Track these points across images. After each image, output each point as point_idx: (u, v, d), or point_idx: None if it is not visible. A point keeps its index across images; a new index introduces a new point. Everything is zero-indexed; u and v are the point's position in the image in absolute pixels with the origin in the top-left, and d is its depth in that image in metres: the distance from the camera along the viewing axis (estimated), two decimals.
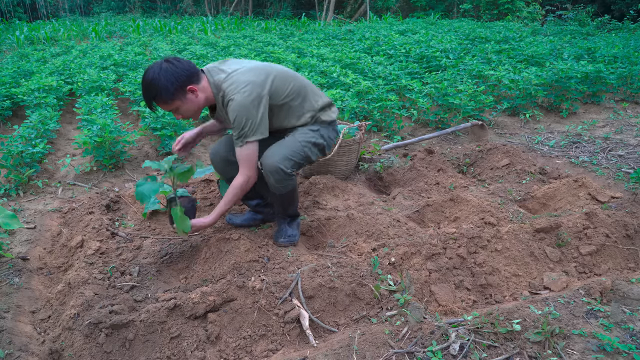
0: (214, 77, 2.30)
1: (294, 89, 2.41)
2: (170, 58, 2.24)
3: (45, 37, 13.35)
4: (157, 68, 2.19)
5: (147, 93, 2.22)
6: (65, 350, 1.91)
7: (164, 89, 2.17)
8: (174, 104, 2.25)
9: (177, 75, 2.19)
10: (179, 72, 2.20)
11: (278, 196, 2.46)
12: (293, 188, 2.46)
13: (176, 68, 2.20)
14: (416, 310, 1.88)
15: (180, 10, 25.35)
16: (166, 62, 2.21)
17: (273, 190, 2.43)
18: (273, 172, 2.33)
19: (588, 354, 1.65)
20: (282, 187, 2.39)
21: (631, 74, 6.11)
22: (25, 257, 2.63)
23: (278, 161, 2.32)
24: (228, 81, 2.26)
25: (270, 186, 2.41)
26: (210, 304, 2.01)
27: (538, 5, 18.50)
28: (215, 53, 9.29)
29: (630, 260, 2.46)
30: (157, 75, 2.17)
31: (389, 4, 21.70)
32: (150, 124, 4.37)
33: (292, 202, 2.54)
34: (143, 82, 2.22)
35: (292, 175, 2.38)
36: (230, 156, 2.53)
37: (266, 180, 2.41)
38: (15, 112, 5.61)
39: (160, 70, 2.17)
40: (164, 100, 2.22)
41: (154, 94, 2.20)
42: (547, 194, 3.21)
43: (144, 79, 2.21)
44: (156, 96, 2.21)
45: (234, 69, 2.30)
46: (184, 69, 2.22)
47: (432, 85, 5.66)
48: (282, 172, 2.33)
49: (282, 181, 2.36)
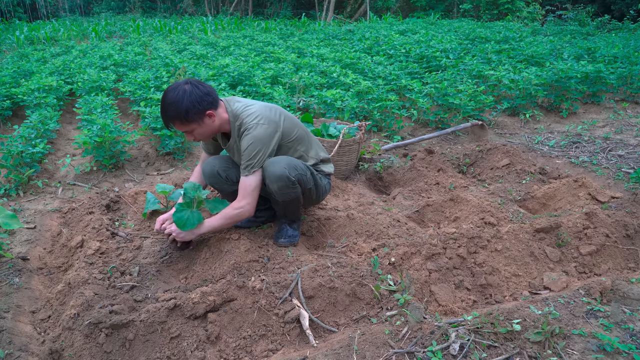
0: (232, 106, 2.38)
1: (300, 134, 2.52)
2: (192, 81, 2.27)
3: (45, 37, 13.34)
4: (181, 90, 2.21)
5: (167, 113, 2.23)
6: (65, 350, 1.91)
7: (184, 111, 2.20)
8: (191, 126, 2.28)
9: (200, 100, 2.23)
10: (201, 97, 2.23)
11: (281, 203, 2.46)
12: (297, 197, 2.44)
13: (200, 92, 2.24)
14: (416, 310, 1.88)
15: (180, 10, 25.35)
16: (189, 84, 2.24)
17: (276, 197, 2.42)
18: (277, 179, 2.31)
19: (588, 354, 1.65)
20: (284, 194, 2.38)
21: (631, 74, 6.11)
22: (25, 257, 2.62)
23: (284, 166, 2.31)
24: (246, 112, 2.35)
25: (274, 193, 2.40)
26: (210, 304, 2.01)
27: (538, 5, 18.50)
28: (215, 53, 9.29)
29: (630, 260, 2.46)
30: (180, 97, 2.20)
31: (389, 4, 21.70)
32: (150, 124, 4.37)
33: (295, 209, 2.55)
34: (164, 102, 2.23)
35: (295, 184, 2.37)
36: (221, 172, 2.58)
37: (269, 189, 2.40)
38: (15, 112, 5.61)
39: (184, 93, 2.20)
40: (183, 122, 2.24)
41: (173, 115, 2.22)
42: (547, 194, 3.21)
43: (165, 98, 2.23)
44: (175, 117, 2.23)
45: (250, 103, 2.40)
46: (207, 94, 2.26)
47: (432, 85, 5.66)
48: (286, 179, 2.31)
49: (285, 188, 2.35)
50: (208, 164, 2.63)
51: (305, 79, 5.97)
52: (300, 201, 2.50)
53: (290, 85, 6.00)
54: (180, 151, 4.30)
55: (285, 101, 5.02)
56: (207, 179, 2.63)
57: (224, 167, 2.59)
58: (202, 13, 24.11)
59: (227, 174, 2.59)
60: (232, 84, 6.23)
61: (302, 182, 2.41)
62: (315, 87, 6.01)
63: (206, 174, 2.62)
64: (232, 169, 2.60)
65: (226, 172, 2.59)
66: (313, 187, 2.52)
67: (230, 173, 2.59)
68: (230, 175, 2.59)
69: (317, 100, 5.17)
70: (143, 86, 5.84)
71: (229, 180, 2.59)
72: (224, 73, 6.55)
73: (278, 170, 2.30)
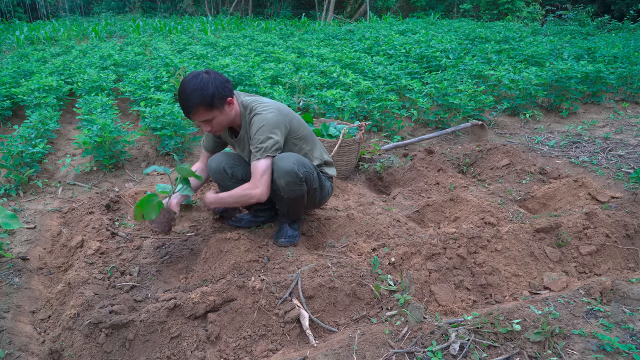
0: (242, 98, 2.42)
1: (306, 133, 2.56)
2: (210, 70, 2.28)
3: (45, 37, 13.34)
4: (204, 77, 2.22)
5: (191, 100, 2.21)
6: (65, 350, 1.91)
7: (210, 96, 2.20)
8: (213, 113, 2.27)
9: (223, 86, 2.25)
10: (224, 83, 2.26)
11: (286, 200, 2.45)
12: (302, 195, 2.44)
13: (221, 79, 2.26)
14: (416, 310, 1.88)
15: (180, 10, 25.34)
16: (208, 73, 2.25)
17: (282, 193, 2.40)
18: (285, 173, 2.31)
19: (588, 354, 1.65)
20: (291, 190, 2.37)
21: (631, 74, 6.11)
22: (25, 257, 2.62)
23: (293, 162, 2.31)
24: (256, 102, 2.39)
25: (280, 189, 2.38)
26: (210, 304, 2.01)
27: (538, 5, 18.50)
28: (215, 53, 9.29)
29: (630, 260, 2.46)
30: (204, 84, 2.20)
31: (389, 4, 21.70)
32: (150, 124, 4.37)
33: (297, 209, 2.55)
34: (186, 90, 2.21)
35: (302, 181, 2.37)
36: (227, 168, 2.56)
37: (276, 185, 2.38)
38: (15, 112, 5.61)
39: (207, 80, 2.21)
40: (207, 108, 2.24)
41: (198, 102, 2.21)
42: (547, 194, 3.21)
43: (187, 87, 2.21)
44: (200, 103, 2.21)
45: (261, 98, 2.45)
46: (227, 81, 2.29)
47: (432, 85, 5.66)
48: (294, 175, 2.31)
49: (293, 184, 2.34)
50: (214, 159, 2.60)
51: (305, 79, 5.97)
52: (304, 200, 2.50)
53: (290, 85, 6.00)
54: (180, 151, 4.30)
55: (285, 101, 5.02)
56: (213, 175, 2.61)
57: (230, 164, 2.57)
58: (202, 13, 24.11)
59: (233, 171, 2.56)
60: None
61: (308, 181, 2.41)
62: (315, 87, 6.01)
63: (212, 170, 2.59)
64: (239, 166, 2.57)
65: (232, 169, 2.56)
66: (318, 187, 2.53)
67: (237, 170, 2.56)
68: (237, 172, 2.56)
69: (317, 100, 5.17)
70: (143, 86, 5.85)
71: (234, 178, 2.56)
72: (224, 73, 6.53)
73: (287, 165, 2.30)
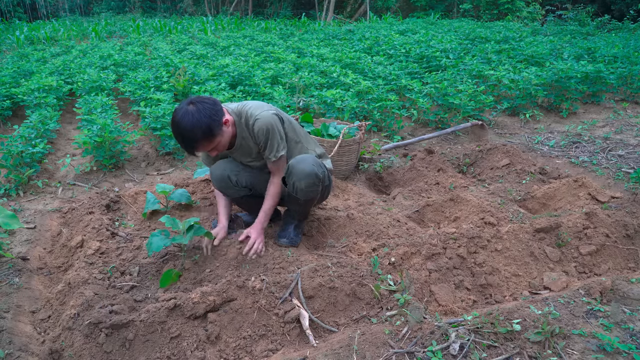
0: (230, 107, 2.40)
1: (295, 124, 2.57)
2: (193, 99, 2.21)
3: (45, 37, 13.34)
4: (192, 111, 2.14)
5: (190, 138, 2.16)
6: (65, 350, 1.91)
7: (208, 128, 2.16)
8: (216, 140, 2.24)
9: (214, 112, 2.19)
10: (212, 108, 2.19)
11: (302, 201, 2.44)
12: (317, 195, 2.44)
13: (208, 105, 2.19)
14: (416, 310, 1.88)
15: (180, 10, 25.34)
16: (193, 104, 2.17)
17: (299, 195, 2.38)
18: (307, 176, 2.30)
19: (588, 354, 1.65)
20: (310, 192, 2.36)
21: (631, 74, 6.11)
22: (25, 257, 2.62)
23: (312, 164, 2.32)
24: (246, 107, 2.39)
25: (299, 191, 2.36)
26: (210, 304, 2.01)
27: (538, 5, 18.50)
28: (215, 53, 9.29)
29: (630, 260, 2.46)
30: (197, 118, 2.13)
31: (389, 4, 21.69)
32: (150, 123, 4.37)
33: (309, 208, 2.58)
34: (183, 130, 2.15)
35: (320, 181, 2.37)
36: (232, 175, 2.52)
37: (294, 187, 2.36)
38: (15, 112, 5.61)
39: (197, 112, 2.14)
40: (209, 139, 2.20)
41: (200, 137, 2.16)
42: (547, 194, 3.21)
43: (181, 126, 2.14)
44: (202, 138, 2.17)
45: (242, 102, 2.45)
46: (214, 104, 2.23)
47: (432, 85, 5.66)
48: (314, 176, 2.32)
49: (312, 186, 2.34)
50: (218, 167, 2.55)
51: (305, 79, 5.97)
52: (316, 199, 2.51)
53: (290, 85, 6.00)
54: (180, 151, 4.30)
55: (285, 101, 5.02)
56: (216, 183, 2.56)
57: (235, 171, 2.52)
58: (202, 13, 24.10)
59: (237, 178, 2.52)
60: (232, 84, 6.23)
61: (323, 180, 2.43)
62: (315, 87, 6.01)
63: (215, 177, 2.54)
64: (243, 172, 2.54)
65: (237, 177, 2.52)
66: (328, 184, 2.55)
67: (241, 177, 2.53)
68: (240, 179, 2.52)
69: (317, 100, 5.17)
70: (143, 86, 5.84)
71: (238, 185, 2.53)
72: (224, 73, 6.55)
73: (307, 167, 2.30)
